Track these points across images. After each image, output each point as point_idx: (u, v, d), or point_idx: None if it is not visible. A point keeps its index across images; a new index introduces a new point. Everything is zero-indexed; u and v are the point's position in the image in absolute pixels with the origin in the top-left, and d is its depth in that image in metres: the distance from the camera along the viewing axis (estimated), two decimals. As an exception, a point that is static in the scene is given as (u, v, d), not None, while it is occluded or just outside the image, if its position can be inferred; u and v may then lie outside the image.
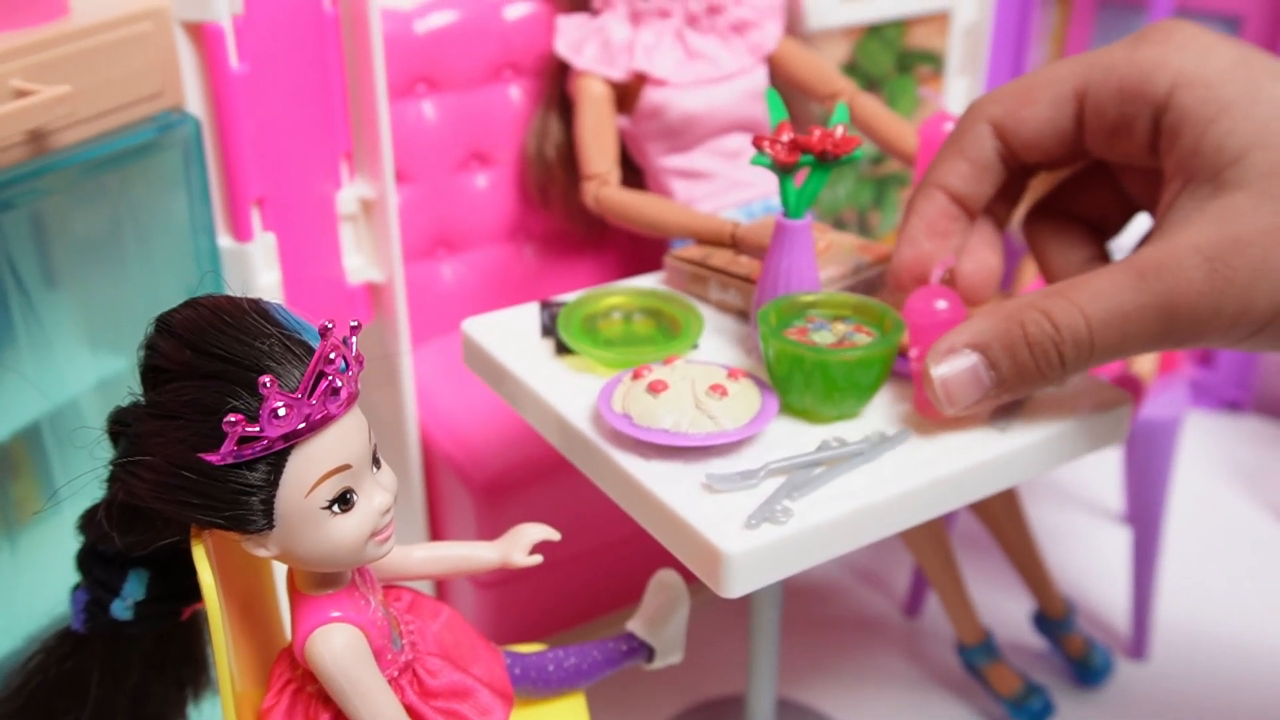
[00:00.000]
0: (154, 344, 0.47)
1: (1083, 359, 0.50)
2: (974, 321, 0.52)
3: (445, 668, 0.54)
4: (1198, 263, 0.46)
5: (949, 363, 0.53)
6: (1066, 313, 0.49)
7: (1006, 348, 0.51)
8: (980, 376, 0.52)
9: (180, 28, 0.66)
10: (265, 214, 0.71)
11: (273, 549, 0.47)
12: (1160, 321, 0.47)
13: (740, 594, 0.54)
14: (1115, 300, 0.48)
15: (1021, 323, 0.50)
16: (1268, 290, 0.46)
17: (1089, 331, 0.49)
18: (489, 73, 0.91)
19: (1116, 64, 0.50)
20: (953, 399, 0.53)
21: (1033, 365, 0.51)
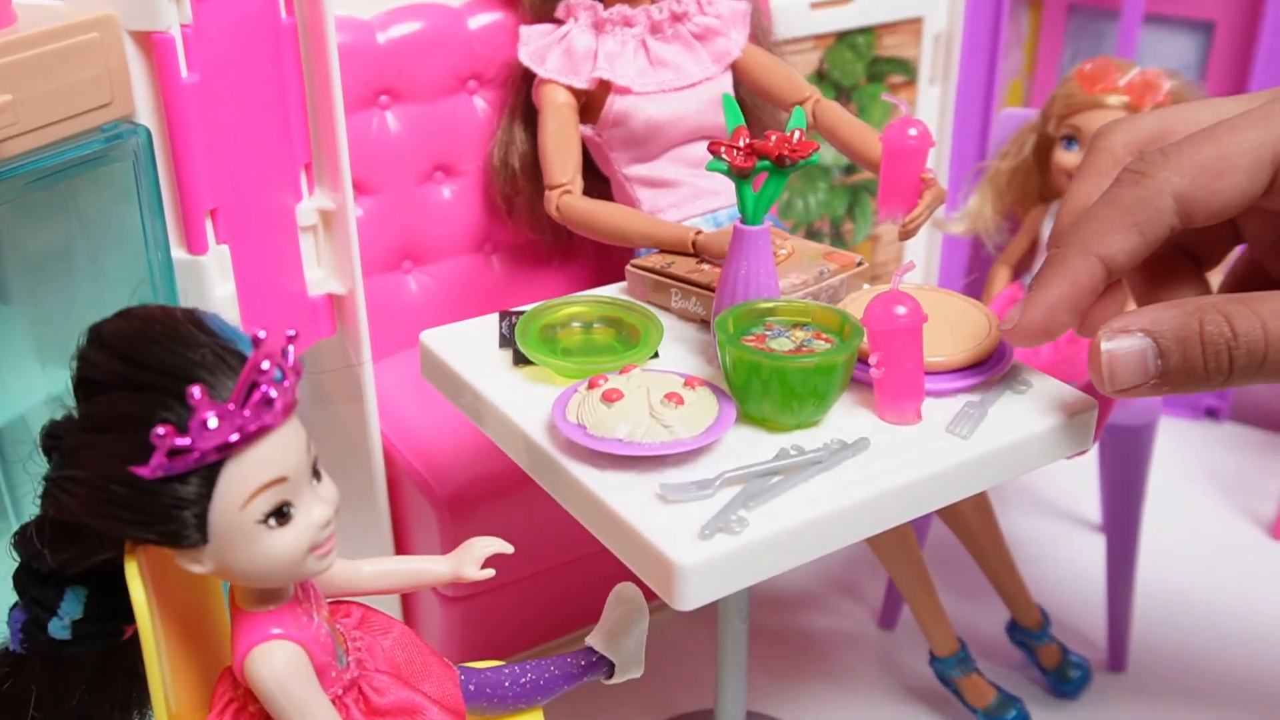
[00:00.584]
0: (85, 355, 0.46)
1: (1252, 370, 0.49)
2: (1153, 309, 0.50)
3: (393, 685, 0.53)
4: None
5: (1120, 341, 0.51)
6: (1247, 320, 0.48)
7: (1180, 340, 0.49)
8: (1147, 362, 0.50)
9: (129, 37, 0.65)
10: (219, 225, 0.70)
11: (208, 564, 0.46)
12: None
13: (694, 606, 0.53)
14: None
15: (1201, 320, 0.49)
16: None
17: (1265, 344, 0.48)
18: (453, 83, 0.90)
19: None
20: (1115, 378, 0.52)
21: (1201, 364, 0.49)
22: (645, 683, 0.61)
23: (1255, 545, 1.07)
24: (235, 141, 0.71)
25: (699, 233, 0.74)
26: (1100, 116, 0.86)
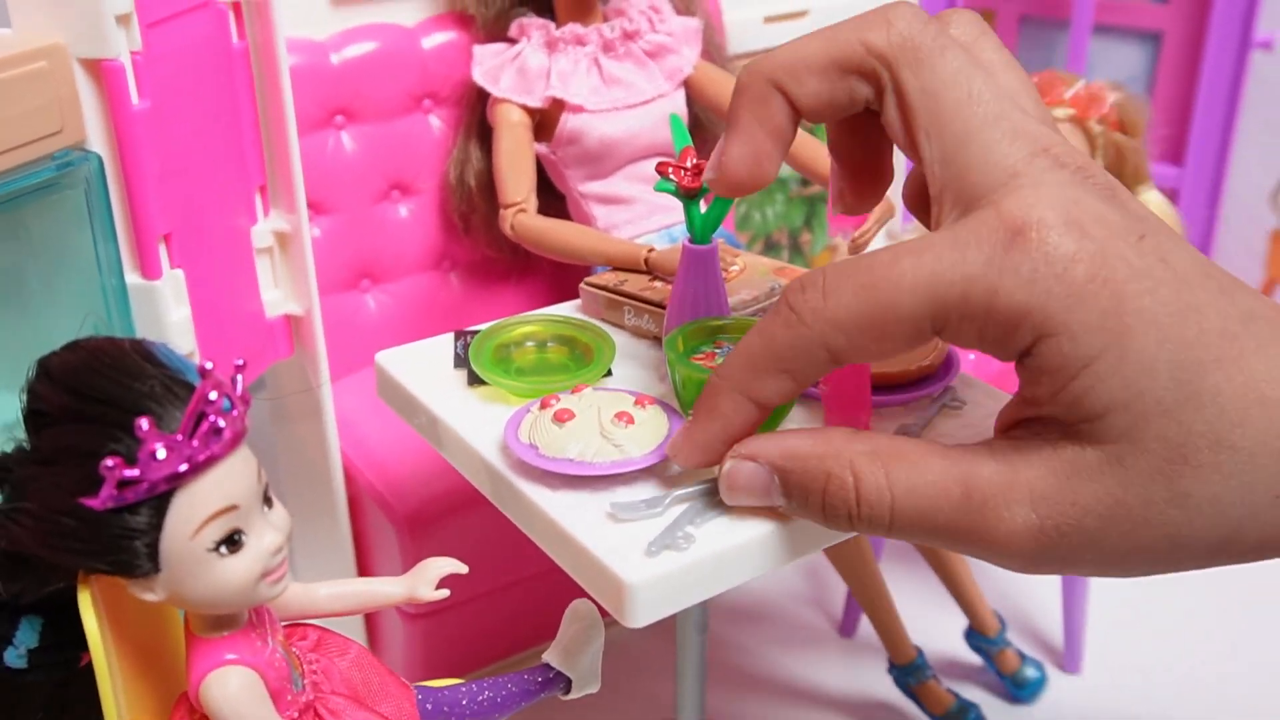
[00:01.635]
0: (34, 388, 0.46)
1: (879, 531, 0.46)
2: (791, 438, 0.49)
3: (349, 707, 0.53)
4: (1027, 516, 0.42)
5: (747, 470, 0.50)
6: (876, 490, 0.45)
7: (802, 489, 0.48)
8: (771, 494, 0.49)
9: (78, 65, 0.65)
10: (174, 250, 0.71)
11: (160, 593, 0.46)
12: (967, 545, 0.44)
13: (644, 623, 0.53)
14: (930, 504, 0.44)
15: (828, 475, 0.46)
16: (1093, 560, 0.43)
17: (889, 519, 0.45)
18: (408, 102, 0.90)
19: (975, 304, 0.43)
20: (734, 497, 0.51)
21: (820, 515, 0.48)
22: (603, 699, 0.62)
23: (1208, 546, 1.09)
24: (188, 166, 0.71)
25: (651, 250, 0.75)
26: (1046, 129, 0.87)
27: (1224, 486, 0.41)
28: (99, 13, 0.63)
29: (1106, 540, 0.42)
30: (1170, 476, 0.41)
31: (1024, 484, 0.43)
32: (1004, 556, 0.44)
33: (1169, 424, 0.41)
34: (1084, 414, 0.42)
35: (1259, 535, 0.42)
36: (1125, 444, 0.41)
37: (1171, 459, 0.41)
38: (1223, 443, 0.41)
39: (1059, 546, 0.43)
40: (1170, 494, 0.41)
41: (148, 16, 0.66)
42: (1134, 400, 0.41)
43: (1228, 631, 0.99)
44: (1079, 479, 0.42)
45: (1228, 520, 0.42)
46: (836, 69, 0.48)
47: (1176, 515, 0.41)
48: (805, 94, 0.49)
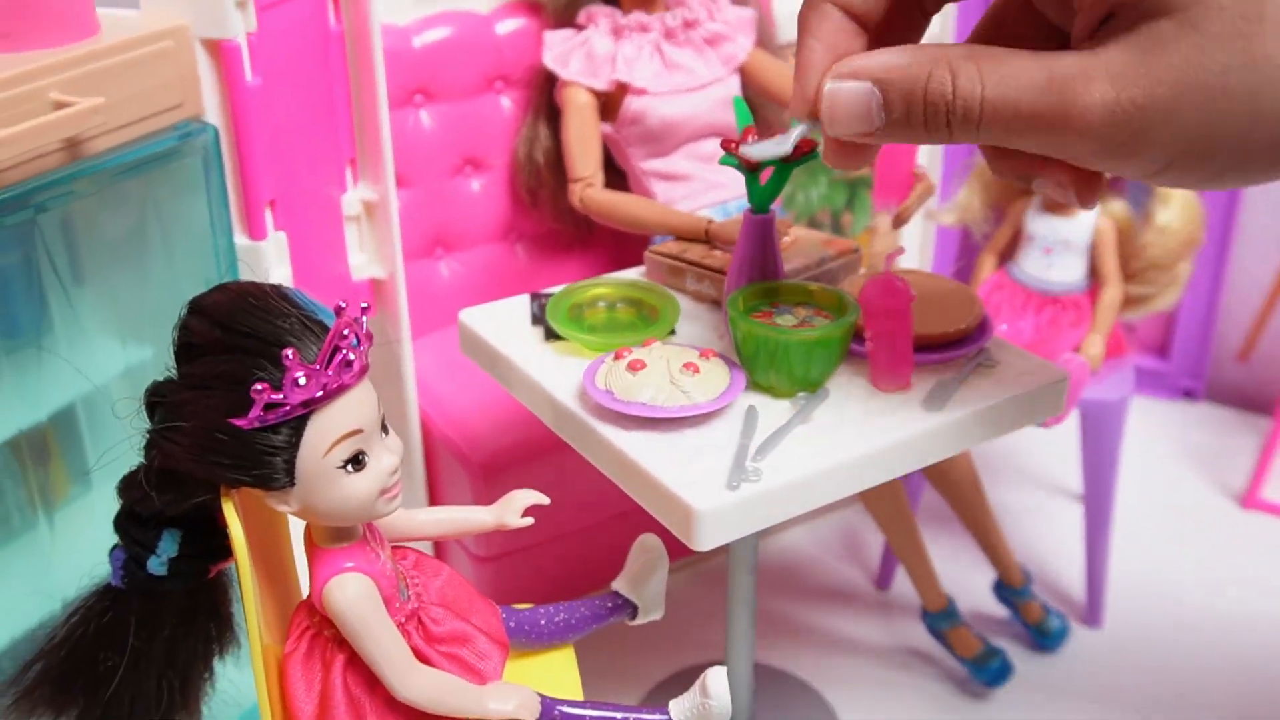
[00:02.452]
0: (187, 324, 0.53)
1: (969, 131, 0.46)
2: (891, 54, 0.47)
3: (448, 616, 0.60)
4: (1104, 88, 0.42)
5: (847, 85, 0.48)
6: (969, 82, 0.45)
7: (904, 94, 0.47)
8: (871, 111, 0.48)
9: (200, 44, 0.72)
10: (277, 215, 0.78)
11: (294, 504, 0.53)
12: (1049, 133, 0.44)
13: (710, 546, 0.60)
14: (1017, 92, 0.44)
15: (929, 74, 0.46)
16: (1170, 136, 0.42)
17: (979, 111, 0.45)
18: (482, 84, 0.97)
19: None
20: (836, 122, 0.49)
21: (921, 121, 0.47)
22: (661, 637, 0.68)
23: (1226, 514, 1.15)
24: (291, 138, 0.78)
25: (712, 221, 0.81)
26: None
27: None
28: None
29: (1181, 112, 0.41)
30: (1248, 36, 0.40)
31: (1102, 64, 0.42)
32: (1080, 137, 0.43)
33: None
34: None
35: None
36: (1197, 6, 0.41)
37: (1248, 17, 0.40)
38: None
39: (1133, 121, 0.42)
40: (1248, 56, 0.40)
41: (263, 0, 0.73)
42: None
43: (1247, 585, 1.05)
44: (1155, 51, 0.41)
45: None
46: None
47: (1253, 79, 0.40)
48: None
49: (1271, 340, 1.28)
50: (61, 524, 0.73)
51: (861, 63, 0.48)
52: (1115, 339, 0.97)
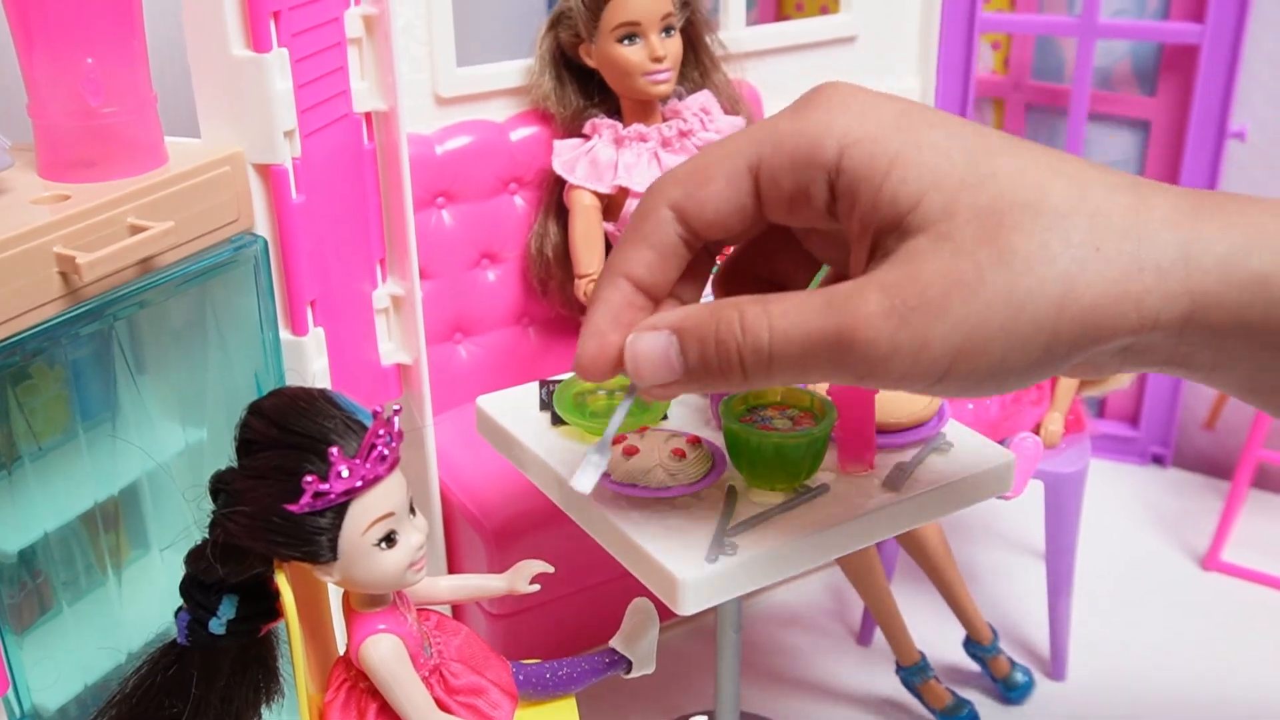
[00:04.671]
0: (247, 423, 0.63)
1: (761, 369, 0.49)
2: (686, 307, 0.52)
3: (465, 671, 0.69)
4: (878, 298, 0.45)
5: (646, 338, 0.51)
6: (756, 319, 0.48)
7: (699, 339, 0.50)
8: (671, 360, 0.51)
9: (252, 168, 0.82)
10: (317, 312, 0.88)
11: (336, 575, 0.62)
12: (837, 350, 0.47)
13: (693, 611, 0.69)
14: (800, 319, 0.47)
15: (719, 318, 0.49)
16: (944, 332, 0.45)
17: (769, 345, 0.48)
18: (498, 185, 1.08)
19: (784, 135, 0.48)
20: (640, 374, 0.52)
21: (716, 363, 0.50)
22: (656, 689, 0.76)
23: (1187, 574, 1.23)
24: (329, 245, 0.89)
25: (700, 316, 0.91)
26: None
27: (1041, 242, 0.44)
28: (272, 128, 0.81)
29: (952, 308, 0.44)
30: (992, 237, 0.44)
31: (874, 280, 0.46)
32: (866, 348, 0.46)
33: (979, 195, 0.45)
34: (905, 205, 0.46)
35: (1092, 289, 0.44)
36: (946, 220, 0.45)
37: (988, 222, 0.44)
38: (1031, 205, 0.44)
39: (911, 322, 0.45)
40: (997, 254, 0.44)
41: (306, 128, 0.84)
42: (942, 180, 0.45)
43: (1203, 643, 1.13)
44: (917, 262, 0.45)
45: (1057, 272, 0.44)
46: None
47: (1006, 273, 0.44)
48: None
49: (1234, 410, 1.37)
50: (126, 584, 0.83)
51: (660, 317, 0.52)
52: (1074, 415, 1.06)
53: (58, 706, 0.76)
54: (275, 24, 0.79)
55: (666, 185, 0.52)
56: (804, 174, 0.48)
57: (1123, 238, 0.44)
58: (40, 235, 0.68)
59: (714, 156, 0.51)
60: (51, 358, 0.72)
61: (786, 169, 0.49)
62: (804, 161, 0.48)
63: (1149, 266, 0.44)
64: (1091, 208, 0.44)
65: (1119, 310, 0.44)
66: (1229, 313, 0.44)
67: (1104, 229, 0.44)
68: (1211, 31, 1.23)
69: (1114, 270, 0.44)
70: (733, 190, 0.50)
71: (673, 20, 1.02)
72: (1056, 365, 0.46)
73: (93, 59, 0.73)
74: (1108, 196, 0.45)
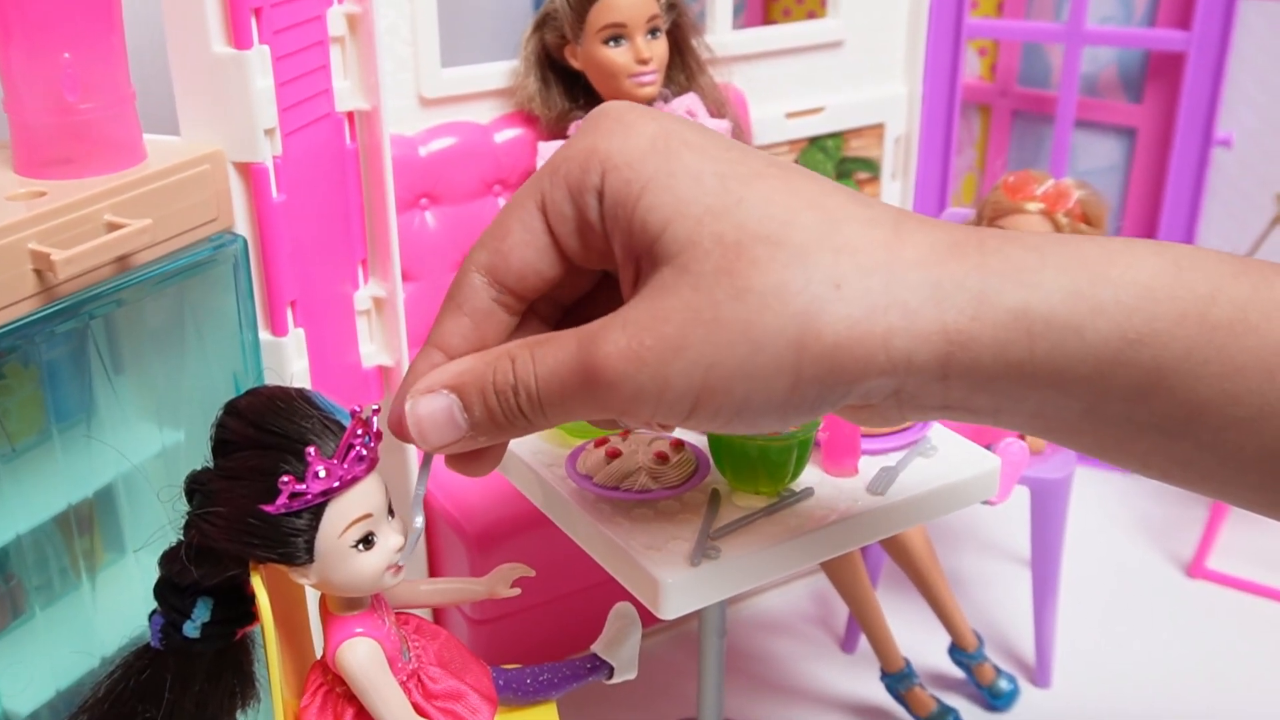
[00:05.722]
0: (223, 422, 0.62)
1: (537, 414, 0.48)
2: (464, 361, 0.51)
3: (444, 675, 0.69)
4: (619, 336, 0.45)
5: (425, 401, 0.51)
6: (524, 364, 0.48)
7: (479, 392, 0.49)
8: (455, 418, 0.50)
9: (232, 166, 0.81)
10: (297, 313, 0.87)
11: (312, 578, 0.61)
12: (588, 390, 0.46)
13: (675, 614, 0.69)
14: (558, 360, 0.47)
15: (494, 369, 0.49)
16: (683, 369, 0.44)
17: (536, 389, 0.47)
18: (481, 187, 1.07)
19: (559, 164, 0.48)
20: (427, 438, 0.52)
21: (499, 412, 0.49)
22: (638, 695, 0.76)
23: (1172, 582, 1.23)
24: (310, 245, 0.88)
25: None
26: (1021, 220, 1.02)
27: (781, 278, 0.42)
28: (252, 126, 0.80)
29: (688, 345, 0.43)
30: (731, 273, 0.43)
31: (619, 319, 0.45)
32: (609, 387, 0.45)
33: (723, 225, 0.43)
34: (652, 233, 0.45)
35: (833, 328, 0.42)
36: (688, 251, 0.44)
37: (729, 256, 0.43)
38: (774, 238, 0.43)
39: (649, 361, 0.44)
40: (734, 289, 0.43)
41: (287, 127, 0.83)
42: (688, 207, 0.44)
43: (1189, 650, 1.12)
44: (660, 297, 0.44)
45: (794, 311, 0.42)
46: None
47: (744, 310, 0.43)
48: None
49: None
50: (100, 588, 0.82)
51: (436, 376, 0.51)
52: (1060, 421, 1.06)
53: (29, 712, 0.75)
54: (256, 21, 0.79)
55: (474, 250, 0.51)
56: (580, 199, 0.47)
57: (867, 275, 0.42)
58: (15, 231, 0.67)
59: (508, 208, 0.50)
60: (26, 356, 0.71)
61: (565, 197, 0.48)
62: (576, 187, 0.47)
63: (895, 305, 0.42)
64: (838, 243, 0.43)
65: (864, 350, 0.42)
66: (990, 352, 0.42)
67: (847, 267, 0.42)
68: (1198, 39, 1.23)
69: (855, 310, 0.42)
70: (530, 234, 0.49)
71: (659, 22, 1.01)
72: (811, 407, 0.44)
73: (70, 54, 0.72)
74: (860, 232, 0.43)
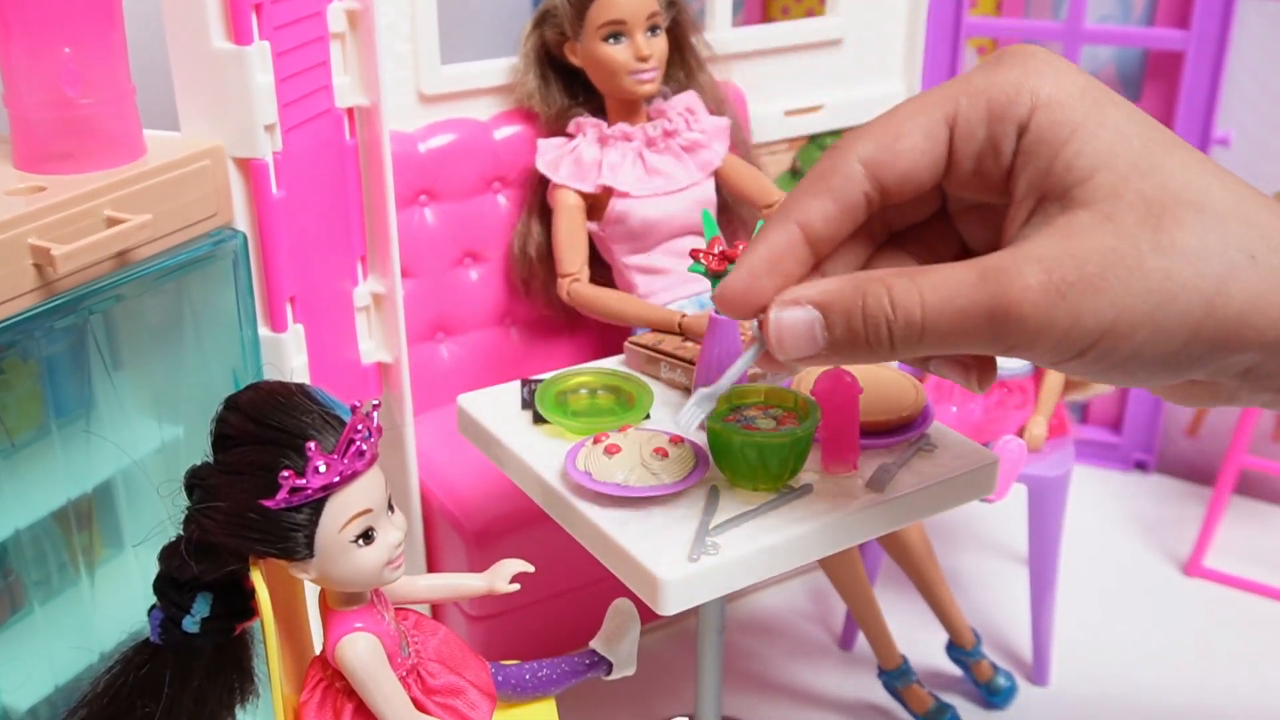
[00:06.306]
0: (223, 418, 0.62)
1: (912, 342, 0.49)
2: (828, 280, 0.51)
3: (443, 671, 0.69)
4: (1035, 271, 0.46)
5: (789, 311, 0.51)
6: (906, 294, 0.48)
7: (844, 314, 0.50)
8: (815, 334, 0.51)
9: (232, 162, 0.81)
10: (296, 309, 0.87)
11: (312, 573, 0.61)
12: (991, 323, 0.47)
13: (674, 611, 0.68)
14: (953, 292, 0.47)
15: (865, 293, 0.49)
16: (1096, 308, 0.46)
17: (921, 317, 0.48)
18: (481, 184, 1.07)
19: (981, 88, 0.49)
20: (784, 346, 0.52)
21: (864, 337, 0.50)
22: (637, 692, 0.76)
23: (1169, 580, 1.23)
24: (310, 241, 0.88)
25: (684, 315, 0.91)
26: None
27: (1201, 240, 0.45)
28: (252, 122, 0.80)
29: (1108, 287, 0.46)
30: (1154, 227, 0.46)
31: (1029, 251, 0.47)
32: (1021, 322, 0.46)
33: (1146, 183, 0.46)
34: (1076, 177, 0.47)
35: (1243, 294, 0.45)
36: (1111, 201, 0.46)
37: (1153, 211, 0.46)
38: (1195, 203, 0.46)
39: (1068, 296, 0.46)
40: (1156, 242, 0.46)
41: (287, 123, 0.83)
42: (1115, 160, 0.46)
43: (1185, 648, 1.13)
44: (1076, 237, 0.46)
45: (1211, 271, 0.45)
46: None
47: (1165, 262, 0.45)
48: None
49: (1216, 417, 1.37)
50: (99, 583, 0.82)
51: (802, 291, 0.51)
52: (1058, 420, 1.06)
53: (28, 707, 0.75)
54: (257, 17, 0.79)
55: (856, 140, 0.51)
56: (998, 126, 0.49)
57: (1275, 253, 0.46)
58: (14, 226, 0.67)
59: (907, 112, 0.51)
60: (25, 351, 0.71)
61: (983, 119, 0.49)
62: (999, 114, 0.49)
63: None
64: (1250, 218, 0.46)
65: (1261, 321, 0.46)
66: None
67: (1259, 240, 0.46)
68: (1196, 38, 1.23)
69: (1264, 282, 0.46)
70: (929, 143, 0.50)
71: (658, 20, 1.01)
72: (1187, 368, 0.47)
73: (71, 49, 0.72)
74: (1263, 211, 0.47)
